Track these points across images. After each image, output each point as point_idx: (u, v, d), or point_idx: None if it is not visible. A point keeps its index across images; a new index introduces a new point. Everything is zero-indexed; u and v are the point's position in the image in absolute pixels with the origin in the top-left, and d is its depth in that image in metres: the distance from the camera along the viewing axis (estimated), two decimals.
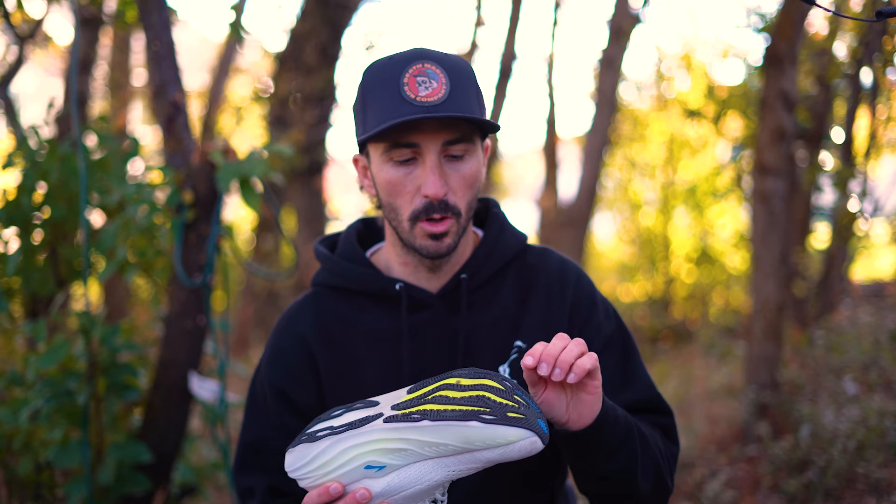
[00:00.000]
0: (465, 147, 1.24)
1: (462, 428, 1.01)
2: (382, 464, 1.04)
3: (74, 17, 2.64)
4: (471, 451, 1.02)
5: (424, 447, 1.03)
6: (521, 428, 1.00)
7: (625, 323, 1.40)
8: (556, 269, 1.39)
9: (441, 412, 1.03)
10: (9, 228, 2.34)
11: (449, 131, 1.22)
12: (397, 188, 1.25)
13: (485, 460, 1.03)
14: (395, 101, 1.20)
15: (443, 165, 1.24)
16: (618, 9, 6.58)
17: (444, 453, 1.03)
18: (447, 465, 1.04)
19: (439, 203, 1.23)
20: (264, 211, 6.82)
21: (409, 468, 1.04)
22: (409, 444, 1.03)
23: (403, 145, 1.22)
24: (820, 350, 4.43)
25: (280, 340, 1.38)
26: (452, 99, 1.21)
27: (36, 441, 2.19)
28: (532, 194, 12.71)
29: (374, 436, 1.04)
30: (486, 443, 1.01)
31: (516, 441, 1.00)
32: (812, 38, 5.42)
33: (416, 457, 1.04)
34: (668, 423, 1.34)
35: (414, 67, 1.22)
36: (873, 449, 3.00)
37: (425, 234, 1.25)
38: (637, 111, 9.81)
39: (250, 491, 1.34)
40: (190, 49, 7.28)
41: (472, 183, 1.27)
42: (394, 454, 1.04)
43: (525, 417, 1.02)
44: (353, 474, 1.05)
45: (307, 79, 6.13)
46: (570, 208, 7.16)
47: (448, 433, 1.02)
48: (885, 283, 7.44)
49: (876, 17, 1.18)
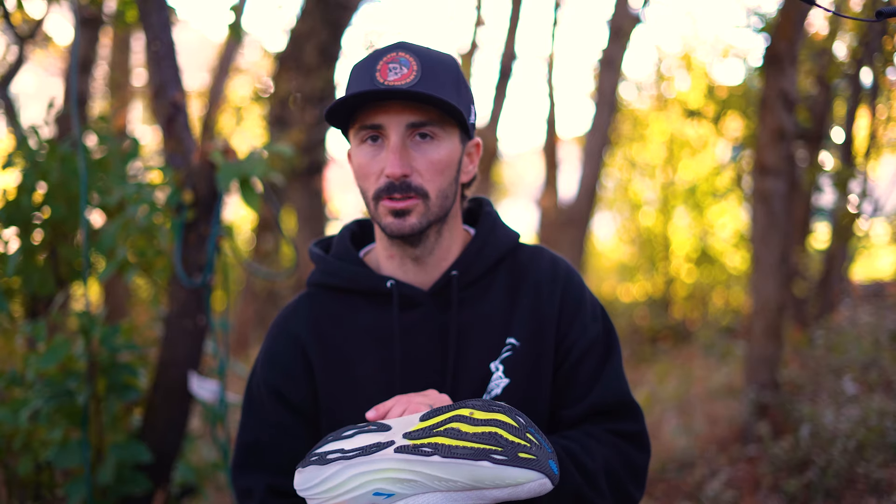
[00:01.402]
0: (432, 130, 1.26)
1: (472, 467, 1.01)
2: (391, 492, 1.05)
3: (74, 17, 2.64)
4: (479, 489, 1.03)
5: (434, 481, 1.03)
6: (531, 470, 1.00)
7: (613, 325, 1.40)
8: (547, 267, 1.39)
9: (452, 448, 1.03)
10: (9, 228, 2.34)
11: (414, 113, 1.24)
12: (364, 170, 1.28)
13: (493, 498, 1.03)
14: (363, 85, 1.24)
15: (408, 147, 1.26)
16: (618, 9, 6.59)
17: (452, 489, 1.04)
18: (455, 500, 1.05)
19: (401, 183, 1.25)
20: (264, 211, 6.83)
21: (417, 498, 1.05)
22: (418, 476, 1.04)
23: (368, 126, 1.25)
24: (820, 350, 4.43)
25: (275, 341, 1.39)
26: (421, 84, 1.23)
27: (36, 441, 2.19)
28: (532, 194, 12.72)
29: (384, 465, 1.04)
30: (496, 482, 1.01)
31: (526, 483, 1.01)
32: (812, 38, 5.42)
33: (424, 488, 1.04)
34: (636, 430, 1.33)
35: (389, 56, 1.25)
36: (873, 449, 3.00)
37: (388, 211, 1.27)
38: (637, 111, 9.81)
39: (249, 491, 1.34)
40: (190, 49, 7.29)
41: (442, 168, 1.28)
42: (403, 484, 1.04)
43: (536, 459, 1.02)
44: (361, 500, 1.06)
45: (307, 79, 6.12)
46: (570, 208, 7.16)
47: (458, 471, 1.02)
48: (885, 283, 7.45)
49: (876, 17, 1.18)
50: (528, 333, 1.33)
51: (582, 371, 1.32)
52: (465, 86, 1.32)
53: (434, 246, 1.34)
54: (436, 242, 1.34)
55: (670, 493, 3.49)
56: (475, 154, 1.37)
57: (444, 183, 1.29)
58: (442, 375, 1.30)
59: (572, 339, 1.34)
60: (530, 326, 1.34)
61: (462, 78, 1.31)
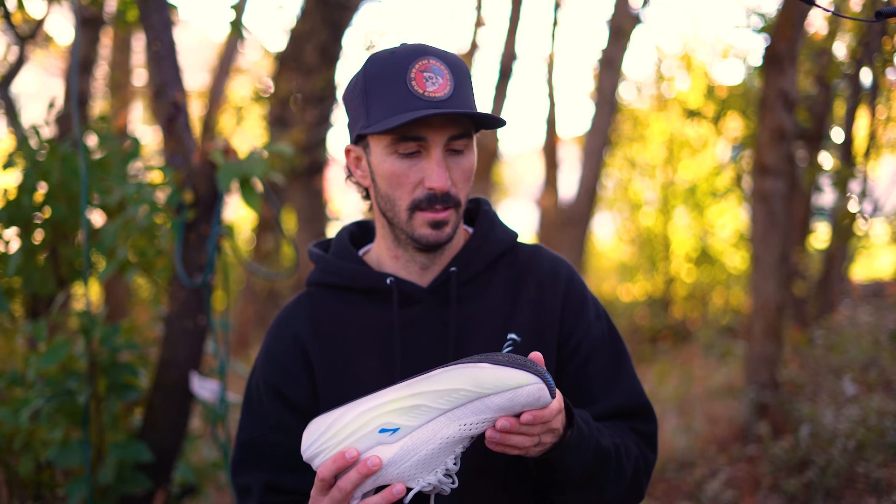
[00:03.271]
0: (466, 142, 1.27)
1: (474, 368, 1.05)
2: (397, 425, 1.07)
3: (75, 17, 2.64)
4: (481, 396, 1.05)
5: (438, 398, 1.06)
6: (529, 373, 1.04)
7: (614, 324, 1.42)
8: (547, 265, 1.40)
9: (452, 363, 1.08)
10: (9, 228, 2.34)
11: (454, 127, 1.25)
12: (399, 179, 1.27)
13: (495, 407, 1.05)
14: (403, 96, 1.22)
15: (447, 159, 1.26)
16: (618, 9, 6.59)
17: (456, 403, 1.06)
18: (458, 418, 1.06)
19: (443, 195, 1.26)
20: (264, 211, 6.83)
21: (422, 429, 1.07)
22: (422, 398, 1.06)
23: (411, 139, 1.24)
24: (820, 350, 4.44)
25: (274, 340, 1.40)
26: (457, 95, 1.24)
27: (36, 441, 2.19)
28: (532, 194, 12.72)
29: (388, 396, 1.08)
30: (497, 385, 1.04)
31: (525, 384, 1.03)
32: (812, 38, 5.42)
33: (429, 413, 1.06)
34: (650, 431, 1.36)
35: (420, 63, 1.24)
36: (873, 449, 3.00)
37: (425, 222, 1.27)
38: (637, 111, 9.81)
39: (248, 489, 1.35)
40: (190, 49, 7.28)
41: (470, 176, 1.30)
42: (408, 413, 1.06)
43: (534, 367, 1.05)
44: (367, 439, 1.07)
45: (307, 79, 6.12)
46: (570, 208, 7.16)
47: (460, 376, 1.05)
48: (885, 283, 7.45)
49: (876, 17, 1.18)
50: (530, 329, 1.34)
51: (592, 370, 1.34)
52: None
53: (445, 248, 1.35)
54: (446, 245, 1.35)
55: (670, 492, 3.49)
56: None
57: (469, 189, 1.32)
58: None
59: (578, 337, 1.34)
60: (532, 322, 1.34)
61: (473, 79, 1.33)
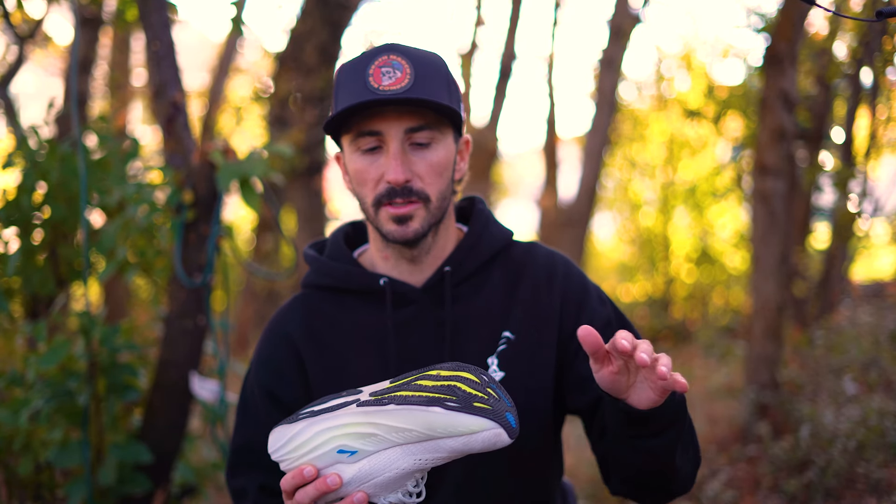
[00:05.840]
0: (430, 134, 1.26)
1: (424, 413, 1.01)
2: (354, 448, 1.05)
3: (74, 17, 2.64)
4: (434, 438, 1.02)
5: (391, 432, 1.03)
6: (484, 418, 0.99)
7: (620, 310, 1.40)
8: (543, 262, 1.40)
9: (408, 397, 1.03)
10: (9, 228, 2.33)
11: (411, 118, 1.24)
12: (363, 176, 1.28)
13: (448, 449, 1.02)
14: (357, 91, 1.23)
15: (407, 153, 1.26)
16: (618, 9, 6.59)
17: (409, 440, 1.03)
18: (413, 453, 1.04)
19: (402, 188, 1.25)
20: (264, 211, 6.82)
21: (379, 455, 1.05)
22: (377, 428, 1.04)
23: (366, 133, 1.25)
24: (820, 350, 4.43)
25: (268, 342, 1.40)
26: (416, 88, 1.22)
27: (36, 441, 2.19)
28: (532, 194, 12.72)
29: (345, 419, 1.05)
30: (448, 430, 1.00)
31: (479, 431, 1.00)
32: (812, 38, 5.42)
33: (385, 443, 1.04)
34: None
35: (380, 59, 1.24)
36: (873, 449, 3.00)
37: (389, 217, 1.27)
38: (637, 111, 9.81)
39: (243, 491, 1.35)
40: (189, 49, 7.28)
41: (441, 171, 1.28)
42: (364, 439, 1.04)
43: (491, 409, 1.01)
44: (326, 458, 1.06)
45: (307, 79, 6.12)
46: (570, 208, 7.16)
47: (411, 418, 1.02)
48: (885, 283, 7.44)
49: (876, 17, 1.18)
50: (526, 326, 1.33)
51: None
52: (455, 83, 1.32)
53: (430, 246, 1.35)
54: (432, 242, 1.35)
55: None
56: (465, 151, 1.38)
57: (443, 185, 1.30)
58: None
59: (585, 323, 1.30)
60: (528, 320, 1.34)
61: (451, 76, 1.31)
